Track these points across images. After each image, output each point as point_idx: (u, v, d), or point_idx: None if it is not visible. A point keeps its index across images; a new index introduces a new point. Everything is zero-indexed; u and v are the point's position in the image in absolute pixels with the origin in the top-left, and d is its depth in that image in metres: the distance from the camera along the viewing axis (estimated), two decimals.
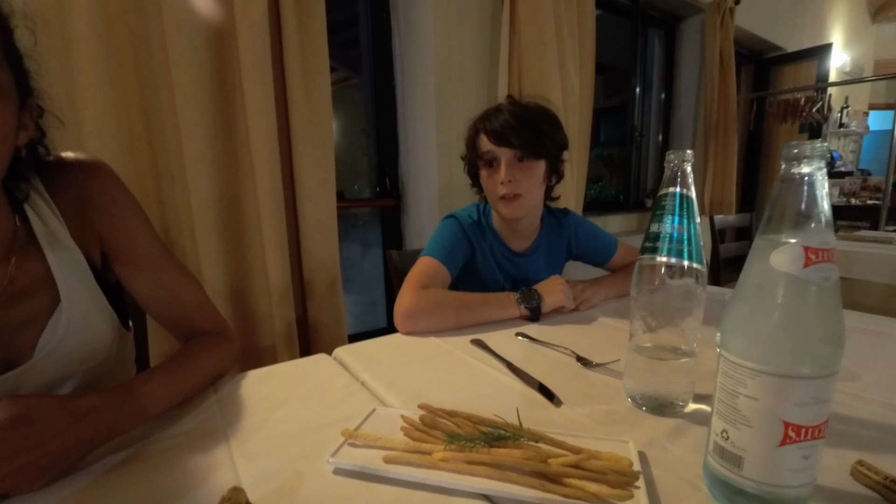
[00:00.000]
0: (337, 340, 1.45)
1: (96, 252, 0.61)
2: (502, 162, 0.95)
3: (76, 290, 0.56)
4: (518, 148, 0.94)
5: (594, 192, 3.11)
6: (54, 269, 0.55)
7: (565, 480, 0.38)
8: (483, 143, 0.97)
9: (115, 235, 0.61)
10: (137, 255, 0.62)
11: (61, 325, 0.54)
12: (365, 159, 1.98)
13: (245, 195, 1.25)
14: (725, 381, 0.36)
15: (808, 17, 4.05)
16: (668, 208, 0.48)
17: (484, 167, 0.99)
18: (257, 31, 1.17)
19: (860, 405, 0.54)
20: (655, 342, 0.52)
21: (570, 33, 1.96)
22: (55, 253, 0.55)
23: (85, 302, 0.57)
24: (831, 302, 0.32)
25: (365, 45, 1.84)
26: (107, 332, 0.60)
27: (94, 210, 0.59)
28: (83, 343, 0.57)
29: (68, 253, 0.56)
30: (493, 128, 0.95)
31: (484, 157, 0.98)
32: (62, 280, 0.55)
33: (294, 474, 0.42)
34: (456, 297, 0.87)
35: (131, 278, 0.63)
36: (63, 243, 0.56)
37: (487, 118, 0.97)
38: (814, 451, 0.34)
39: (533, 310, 0.87)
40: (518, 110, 0.96)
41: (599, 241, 1.17)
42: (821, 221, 0.32)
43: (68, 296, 0.55)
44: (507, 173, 0.94)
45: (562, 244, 1.14)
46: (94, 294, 0.59)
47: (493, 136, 0.95)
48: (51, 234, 0.56)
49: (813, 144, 0.31)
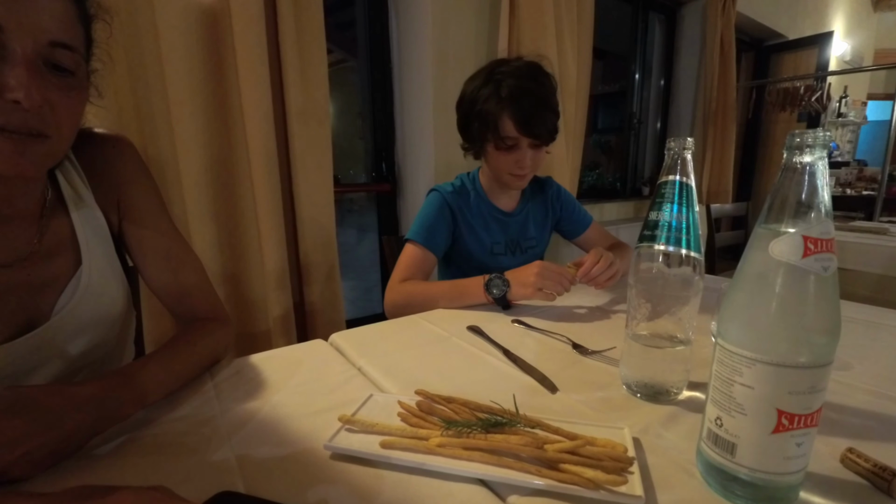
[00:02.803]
0: (334, 326, 1.45)
1: (115, 219, 0.64)
2: (524, 147, 0.97)
3: (96, 252, 0.60)
4: (545, 139, 0.97)
5: (591, 179, 3.10)
6: (78, 230, 0.58)
7: (561, 466, 0.38)
8: (507, 127, 0.96)
9: (133, 202, 0.65)
10: (150, 222, 0.66)
11: (80, 286, 0.57)
12: (360, 144, 1.96)
13: (240, 179, 1.24)
14: (721, 369, 0.36)
15: (809, 3, 4.00)
16: (668, 196, 0.48)
17: (500, 146, 0.98)
18: (253, 11, 1.14)
19: (851, 394, 0.54)
20: (652, 330, 0.52)
21: (569, 18, 1.94)
22: (80, 213, 0.59)
23: (103, 266, 0.60)
24: (830, 292, 0.32)
25: (361, 27, 1.81)
26: (120, 300, 0.63)
27: (117, 178, 0.63)
28: (98, 307, 0.59)
29: (92, 215, 0.60)
30: (520, 114, 0.94)
31: (506, 140, 0.97)
32: (84, 242, 0.59)
33: (291, 459, 0.42)
34: (427, 291, 0.91)
35: (141, 244, 0.65)
36: (88, 206, 0.60)
37: (508, 95, 0.94)
38: (806, 438, 0.34)
39: (498, 299, 0.85)
40: (535, 89, 0.95)
41: (576, 210, 1.22)
42: (821, 211, 0.31)
43: (89, 258, 0.59)
44: (532, 160, 0.98)
45: (546, 206, 1.18)
46: (111, 259, 0.62)
47: (521, 126, 0.95)
48: (77, 196, 0.60)
49: (815, 134, 0.31)
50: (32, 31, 0.43)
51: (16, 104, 0.43)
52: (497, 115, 0.95)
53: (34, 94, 0.43)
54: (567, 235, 1.23)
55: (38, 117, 0.46)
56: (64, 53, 0.47)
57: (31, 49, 0.43)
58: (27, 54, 0.43)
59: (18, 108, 0.43)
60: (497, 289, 0.84)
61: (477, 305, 0.87)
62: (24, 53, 0.43)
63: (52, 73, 0.46)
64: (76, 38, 0.48)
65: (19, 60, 0.43)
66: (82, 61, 0.50)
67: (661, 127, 3.30)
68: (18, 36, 0.42)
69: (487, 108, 0.96)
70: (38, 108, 0.45)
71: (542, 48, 1.79)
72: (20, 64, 0.43)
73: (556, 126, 0.98)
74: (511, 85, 0.94)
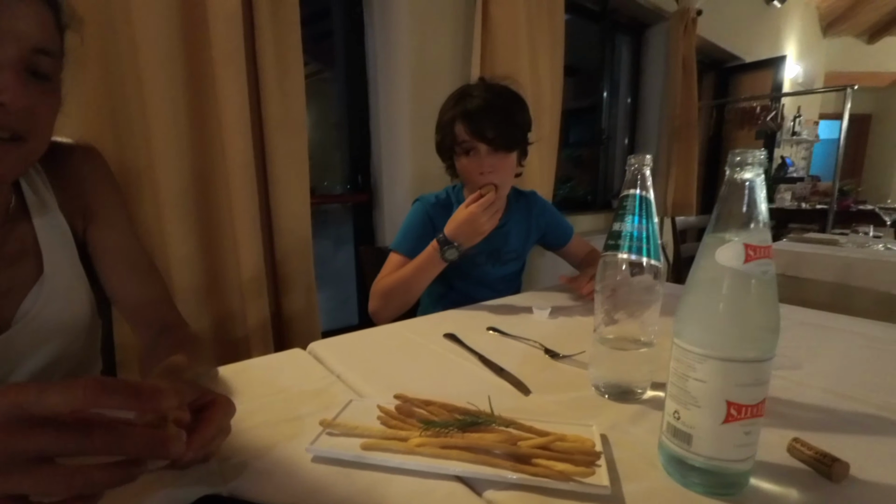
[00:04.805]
0: (311, 336, 1.44)
1: (80, 226, 0.64)
2: (481, 153, 1.00)
3: (60, 260, 0.59)
4: (494, 142, 0.99)
5: (564, 191, 3.19)
6: (41, 237, 0.58)
7: (534, 461, 0.41)
8: (460, 131, 1.01)
9: (100, 210, 0.65)
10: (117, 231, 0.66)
11: (43, 293, 0.57)
12: (336, 154, 1.98)
13: (217, 189, 1.24)
14: (677, 366, 0.39)
15: (764, 29, 4.26)
16: (629, 208, 0.52)
17: (462, 154, 1.04)
18: (231, 21, 1.15)
19: (801, 390, 0.59)
20: (618, 333, 0.55)
21: (540, 36, 2.01)
22: (43, 220, 0.59)
23: (67, 273, 0.60)
24: (769, 293, 0.36)
25: (338, 38, 1.83)
26: (85, 307, 0.62)
27: (83, 186, 0.63)
28: (61, 313, 0.59)
29: (56, 223, 0.60)
30: (470, 119, 0.99)
31: (462, 145, 1.02)
32: (48, 249, 0.58)
33: (273, 463, 0.43)
34: (396, 278, 1.00)
35: (107, 253, 0.65)
36: (51, 213, 0.60)
37: (463, 105, 1.01)
38: (754, 427, 0.37)
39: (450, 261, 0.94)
40: (492, 99, 1.00)
41: (559, 222, 1.26)
42: (759, 222, 0.35)
43: (52, 265, 0.58)
44: (488, 164, 1.00)
45: (529, 220, 1.22)
46: (75, 267, 0.62)
47: (470, 129, 0.99)
48: (41, 203, 0.59)
49: (754, 153, 0.35)
50: (17, 38, 0.44)
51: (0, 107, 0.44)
52: (453, 121, 1.02)
53: (18, 97, 0.44)
54: (550, 247, 1.28)
55: (19, 120, 0.47)
56: (44, 60, 0.48)
57: (15, 55, 0.45)
58: (11, 59, 0.44)
59: (2, 110, 0.44)
60: (451, 255, 0.93)
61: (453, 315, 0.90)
62: (9, 58, 0.44)
63: (32, 79, 0.47)
64: (55, 45, 0.50)
65: (4, 65, 0.44)
66: (59, 68, 0.51)
67: (630, 142, 3.43)
68: (3, 42, 0.43)
69: (446, 118, 1.04)
70: (20, 111, 0.45)
71: (514, 64, 1.85)
72: (5, 69, 0.44)
73: (514, 135, 1.02)
74: (468, 96, 1.02)
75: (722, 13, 3.50)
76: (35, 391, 0.26)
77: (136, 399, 0.28)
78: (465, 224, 0.93)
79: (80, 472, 0.27)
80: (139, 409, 0.28)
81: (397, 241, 1.09)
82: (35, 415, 0.26)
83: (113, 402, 0.27)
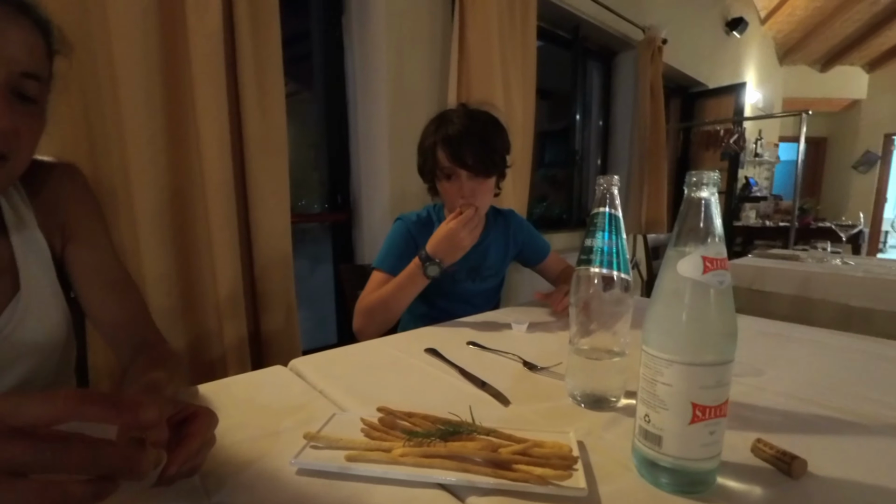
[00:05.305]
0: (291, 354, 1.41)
1: (59, 244, 0.64)
2: (462, 178, 1.04)
3: (37, 277, 0.59)
4: (473, 168, 1.03)
5: (540, 210, 3.26)
6: (18, 254, 0.58)
7: (514, 466, 0.42)
8: (441, 157, 1.04)
9: (79, 228, 0.65)
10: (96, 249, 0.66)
11: (18, 311, 0.56)
12: (314, 174, 1.99)
13: (195, 207, 1.23)
14: (646, 371, 0.42)
15: (726, 57, 4.51)
16: (599, 225, 0.55)
17: (443, 178, 1.07)
18: (211, 40, 1.16)
19: (763, 395, 0.62)
20: (591, 344, 0.58)
21: (513, 62, 2.09)
22: (21, 237, 0.59)
23: (43, 291, 0.60)
24: (726, 302, 0.39)
25: (317, 60, 1.86)
26: (60, 326, 0.62)
27: (63, 203, 0.63)
28: (36, 332, 0.58)
29: (33, 240, 0.60)
30: (451, 145, 1.02)
31: (443, 170, 1.05)
32: (24, 266, 0.58)
33: (256, 476, 0.44)
34: (379, 296, 1.01)
35: (85, 270, 0.65)
36: (30, 230, 0.60)
37: (444, 131, 1.04)
38: (718, 427, 0.40)
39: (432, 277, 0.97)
40: (471, 126, 1.04)
41: (536, 240, 1.30)
42: (715, 236, 0.39)
43: (28, 282, 0.58)
44: (468, 189, 1.04)
45: (507, 238, 1.25)
46: (53, 285, 0.62)
47: (450, 155, 1.02)
48: (19, 220, 0.59)
49: (709, 174, 0.39)
50: (6, 62, 0.45)
51: None
52: (434, 147, 1.06)
53: (4, 120, 0.45)
54: (527, 263, 1.31)
55: (2, 141, 0.47)
56: (32, 84, 0.49)
57: (3, 79, 0.45)
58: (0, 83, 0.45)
59: None
60: (433, 271, 0.95)
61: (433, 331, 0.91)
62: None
63: (18, 101, 0.48)
64: (44, 70, 0.51)
65: None
66: (46, 91, 0.52)
67: (602, 163, 3.55)
68: None
69: (427, 143, 1.08)
70: (4, 133, 0.46)
71: (488, 86, 1.91)
72: None
73: (493, 160, 1.05)
74: (448, 122, 1.05)
75: (686, 42, 3.70)
76: (14, 401, 0.26)
77: (115, 410, 0.27)
78: (446, 240, 0.96)
79: (55, 486, 0.26)
80: (118, 420, 0.28)
81: (379, 258, 1.10)
82: (12, 426, 0.25)
83: (92, 412, 0.27)
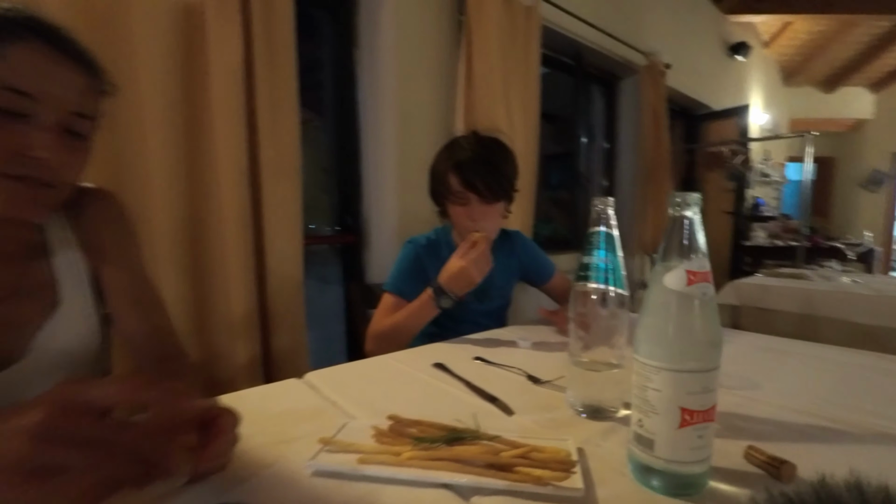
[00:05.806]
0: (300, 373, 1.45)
1: (96, 263, 0.68)
2: (472, 202, 1.08)
3: (75, 294, 0.64)
4: (484, 194, 1.07)
5: (547, 231, 3.29)
6: (60, 273, 0.63)
7: (515, 469, 0.45)
8: (453, 182, 1.09)
9: (113, 248, 0.69)
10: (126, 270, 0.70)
11: (58, 326, 0.60)
12: (323, 198, 2.06)
13: (210, 233, 1.28)
14: (638, 378, 0.45)
15: (730, 80, 4.58)
16: (596, 244, 0.58)
17: (455, 202, 1.11)
18: (232, 76, 1.24)
19: (759, 406, 0.64)
20: (590, 357, 0.61)
21: (517, 89, 2.17)
22: (62, 256, 0.63)
23: (81, 307, 0.64)
24: (710, 312, 0.42)
25: (329, 89, 1.95)
26: (95, 339, 0.66)
27: (101, 226, 0.68)
28: (72, 345, 0.62)
29: (74, 260, 0.65)
30: (462, 171, 1.07)
31: (455, 195, 1.10)
32: (64, 283, 0.63)
33: (274, 478, 0.47)
34: (392, 322, 1.05)
35: (116, 289, 0.69)
36: (70, 250, 0.65)
37: (456, 157, 1.09)
38: (706, 431, 0.43)
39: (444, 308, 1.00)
40: (482, 152, 1.09)
41: (541, 259, 1.33)
42: (698, 251, 0.42)
43: (68, 299, 0.62)
44: (478, 213, 1.08)
45: (512, 258, 1.28)
46: (89, 301, 0.66)
47: (462, 181, 1.07)
48: (61, 241, 0.64)
49: (691, 195, 0.42)
50: (60, 102, 0.51)
51: (38, 160, 0.50)
52: (446, 173, 1.10)
53: (56, 155, 0.50)
54: (533, 283, 1.34)
55: (52, 171, 0.53)
56: (83, 122, 0.54)
57: (57, 117, 0.51)
58: (52, 121, 0.51)
59: (41, 163, 0.50)
60: (446, 303, 0.99)
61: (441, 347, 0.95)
62: (51, 120, 0.50)
63: (68, 136, 0.54)
64: (92, 109, 0.56)
65: (47, 126, 0.50)
66: (93, 128, 0.58)
67: (608, 184, 3.59)
68: (47, 106, 0.50)
69: (440, 168, 1.12)
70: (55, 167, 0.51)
71: (493, 114, 1.98)
72: (47, 129, 0.50)
73: (502, 186, 1.10)
74: (460, 148, 1.10)
75: (689, 66, 3.78)
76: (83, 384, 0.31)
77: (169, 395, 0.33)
78: (458, 276, 0.99)
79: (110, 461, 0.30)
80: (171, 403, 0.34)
81: (390, 281, 1.14)
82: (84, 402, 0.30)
83: (151, 396, 0.32)
